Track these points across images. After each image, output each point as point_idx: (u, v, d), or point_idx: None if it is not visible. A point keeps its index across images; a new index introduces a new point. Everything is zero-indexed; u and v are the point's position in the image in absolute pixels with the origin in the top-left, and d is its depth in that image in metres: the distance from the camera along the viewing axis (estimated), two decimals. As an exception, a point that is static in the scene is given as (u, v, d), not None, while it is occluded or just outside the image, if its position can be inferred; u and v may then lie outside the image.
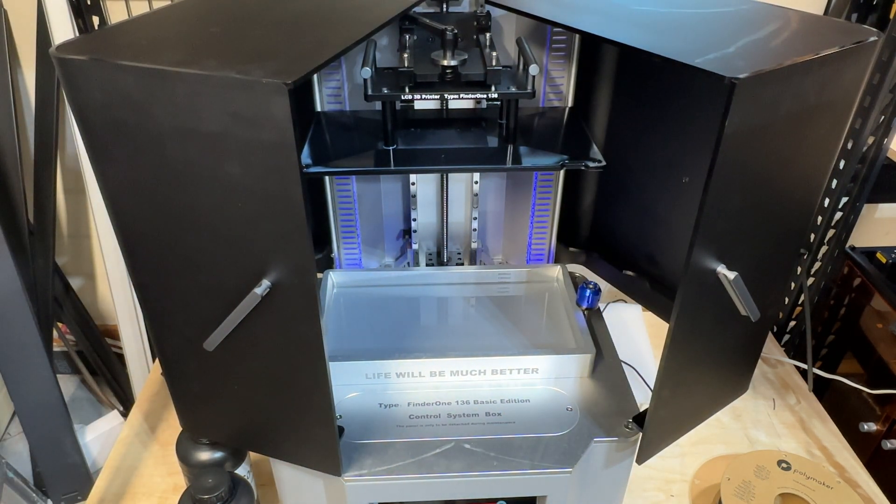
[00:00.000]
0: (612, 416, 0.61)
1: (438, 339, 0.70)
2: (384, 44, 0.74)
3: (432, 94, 0.65)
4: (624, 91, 0.75)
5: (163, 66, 0.39)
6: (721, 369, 0.63)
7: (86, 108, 0.43)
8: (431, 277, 0.79)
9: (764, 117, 0.43)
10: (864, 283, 1.12)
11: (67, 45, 0.42)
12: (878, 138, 0.98)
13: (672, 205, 0.73)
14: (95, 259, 1.46)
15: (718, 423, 0.89)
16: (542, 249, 0.89)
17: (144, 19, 0.51)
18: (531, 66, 0.64)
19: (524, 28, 0.74)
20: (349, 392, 0.63)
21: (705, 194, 0.44)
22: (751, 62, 0.41)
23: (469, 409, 0.62)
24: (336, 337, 0.70)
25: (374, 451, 0.57)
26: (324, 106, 0.78)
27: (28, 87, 1.23)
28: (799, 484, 0.74)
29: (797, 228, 0.58)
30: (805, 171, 0.52)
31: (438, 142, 0.72)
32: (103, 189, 0.47)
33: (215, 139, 0.40)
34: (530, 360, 0.64)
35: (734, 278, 0.49)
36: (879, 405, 1.06)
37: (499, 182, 0.85)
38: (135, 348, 1.33)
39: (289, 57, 0.42)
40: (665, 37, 0.50)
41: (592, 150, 0.71)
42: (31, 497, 1.10)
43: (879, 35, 0.49)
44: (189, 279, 0.50)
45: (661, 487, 0.80)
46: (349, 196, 0.83)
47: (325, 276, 0.77)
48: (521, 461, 0.56)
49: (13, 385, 1.01)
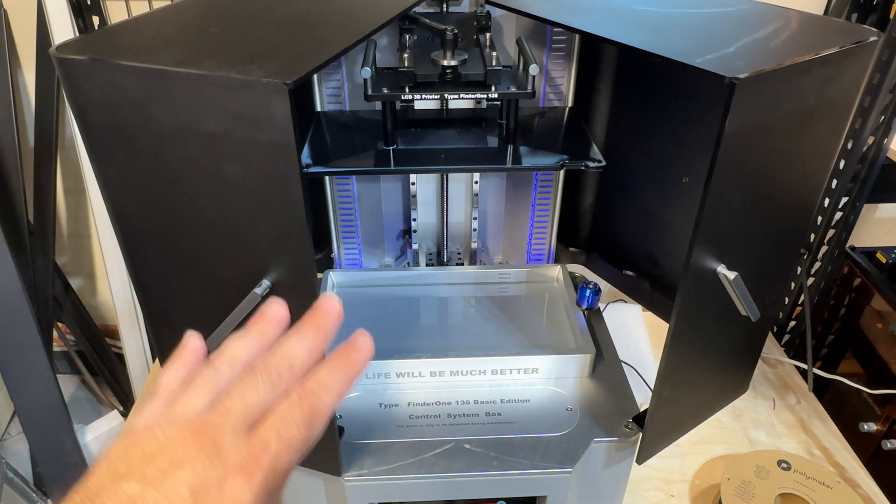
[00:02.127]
0: (612, 416, 0.61)
1: (438, 339, 0.70)
2: (384, 44, 0.74)
3: (432, 94, 0.65)
4: (624, 91, 0.75)
5: (163, 66, 0.39)
6: (721, 369, 0.63)
7: (86, 108, 0.43)
8: (431, 277, 0.79)
9: (764, 117, 0.43)
10: (864, 283, 1.12)
11: (67, 45, 0.42)
12: (878, 138, 0.98)
13: (672, 205, 0.73)
14: (95, 259, 1.46)
15: (718, 423, 0.89)
16: (542, 249, 0.89)
17: (144, 19, 0.51)
18: (531, 66, 0.64)
19: (524, 28, 0.74)
20: (349, 392, 0.63)
21: (705, 194, 0.44)
22: (751, 62, 0.41)
23: (469, 409, 0.62)
24: (336, 337, 0.70)
25: (374, 451, 0.57)
26: (324, 106, 0.78)
27: (28, 87, 1.23)
28: (799, 484, 0.74)
29: (797, 228, 0.58)
30: (805, 171, 0.52)
31: (438, 142, 0.72)
32: (103, 189, 0.47)
33: (215, 139, 0.40)
34: (530, 360, 0.64)
35: (734, 278, 0.49)
36: (879, 405, 1.06)
37: (499, 182, 0.85)
38: (135, 348, 1.33)
39: (289, 57, 0.42)
40: (665, 37, 0.50)
41: (592, 150, 0.71)
42: (31, 497, 1.10)
43: (879, 35, 0.49)
44: (189, 279, 0.50)
45: (661, 487, 0.80)
46: (349, 196, 0.83)
47: (325, 276, 0.77)
48: (521, 461, 0.56)
49: (13, 385, 1.01)
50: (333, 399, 0.31)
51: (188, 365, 0.34)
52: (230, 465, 0.27)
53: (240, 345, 0.33)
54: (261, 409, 0.30)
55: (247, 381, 0.30)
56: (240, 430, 0.29)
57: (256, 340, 0.33)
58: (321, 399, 0.30)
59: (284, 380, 0.31)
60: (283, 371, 0.31)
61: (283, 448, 0.29)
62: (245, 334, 0.34)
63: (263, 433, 0.29)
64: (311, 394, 0.30)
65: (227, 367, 0.32)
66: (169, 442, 0.28)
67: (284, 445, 0.29)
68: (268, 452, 0.28)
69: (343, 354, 0.33)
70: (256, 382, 0.30)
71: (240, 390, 0.30)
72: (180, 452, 0.27)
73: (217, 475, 0.27)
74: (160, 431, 0.28)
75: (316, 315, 0.34)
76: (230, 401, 0.30)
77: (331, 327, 0.34)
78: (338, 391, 0.31)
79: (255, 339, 0.33)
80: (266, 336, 0.34)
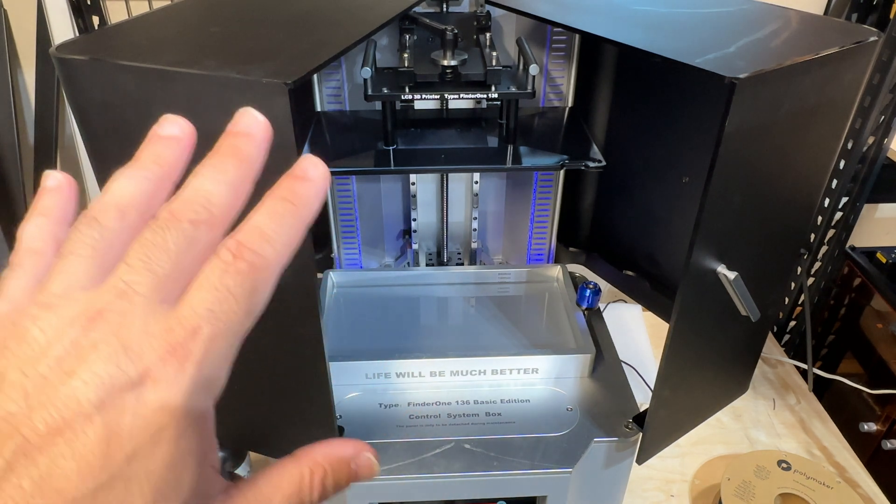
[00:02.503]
0: (612, 416, 0.61)
1: (438, 339, 0.70)
2: (384, 44, 0.74)
3: (432, 94, 0.65)
4: (624, 91, 0.75)
5: (163, 66, 0.39)
6: (721, 369, 0.63)
7: (86, 108, 0.43)
8: (431, 277, 0.79)
9: (764, 117, 0.43)
10: (864, 283, 1.12)
11: (67, 45, 0.42)
12: (878, 138, 0.98)
13: (672, 205, 0.73)
14: (95, 259, 1.46)
15: (718, 423, 0.89)
16: (542, 249, 0.89)
17: (144, 19, 0.51)
18: (531, 66, 0.64)
19: (524, 28, 0.74)
20: (349, 392, 0.63)
21: (705, 194, 0.44)
22: (751, 62, 0.41)
23: (469, 409, 0.62)
24: (336, 337, 0.70)
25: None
26: (324, 106, 0.78)
27: (28, 87, 1.23)
28: (799, 484, 0.74)
29: (797, 228, 0.58)
30: (805, 170, 0.52)
31: (438, 142, 0.72)
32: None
33: (215, 139, 0.40)
34: (530, 360, 0.64)
35: (734, 278, 0.49)
36: (879, 405, 1.06)
37: (499, 182, 0.85)
38: (135, 348, 1.33)
39: (289, 57, 0.42)
40: (665, 37, 0.50)
41: (592, 150, 0.71)
42: (31, 497, 1.10)
43: (879, 35, 0.49)
44: (189, 279, 0.50)
45: (661, 487, 0.80)
46: (349, 196, 0.83)
47: (325, 276, 0.77)
48: (521, 461, 0.56)
49: (13, 385, 1.01)
50: (279, 252, 0.22)
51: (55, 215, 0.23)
52: (147, 361, 0.19)
53: (128, 184, 0.23)
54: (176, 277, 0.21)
55: (149, 239, 0.21)
56: (153, 311, 0.20)
57: (152, 174, 0.23)
58: (262, 254, 0.21)
59: (202, 231, 0.21)
60: (198, 219, 0.21)
61: (219, 328, 0.20)
62: (133, 166, 0.23)
63: (187, 311, 0.20)
64: (246, 248, 0.21)
65: (115, 218, 0.22)
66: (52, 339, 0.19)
67: (220, 324, 0.20)
68: (198, 336, 0.20)
69: (286, 189, 0.23)
70: (165, 239, 0.21)
71: (142, 253, 0.21)
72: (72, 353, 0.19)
73: (129, 378, 0.19)
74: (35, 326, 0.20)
75: (232, 139, 0.24)
76: (131, 270, 0.20)
77: (254, 152, 0.24)
78: (284, 241, 0.22)
79: (149, 173, 0.23)
80: (163, 166, 0.23)
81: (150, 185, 0.23)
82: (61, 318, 0.20)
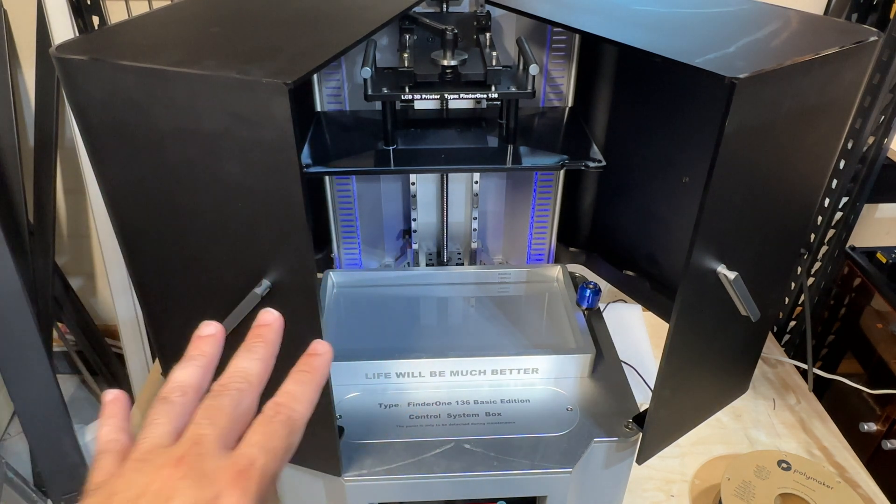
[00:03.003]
0: (612, 416, 0.61)
1: (438, 339, 0.70)
2: (384, 44, 0.74)
3: (432, 93, 0.65)
4: (624, 91, 0.75)
5: (163, 66, 0.39)
6: (721, 369, 0.63)
7: (86, 108, 0.43)
8: (431, 277, 0.79)
9: (764, 117, 0.43)
10: (864, 283, 1.12)
11: (67, 45, 0.42)
12: (878, 138, 0.98)
13: (672, 205, 0.73)
14: (95, 259, 1.46)
15: (718, 423, 0.89)
16: (542, 249, 0.89)
17: (144, 19, 0.51)
18: (531, 66, 0.64)
19: (524, 28, 0.74)
20: (349, 392, 0.63)
21: (705, 194, 0.44)
22: (751, 62, 0.41)
23: (469, 409, 0.62)
24: (336, 337, 0.70)
25: (374, 451, 0.57)
26: (324, 106, 0.78)
27: (28, 87, 1.23)
28: (799, 484, 0.74)
29: (797, 228, 0.58)
30: (805, 170, 0.52)
31: (438, 142, 0.72)
32: (103, 189, 0.47)
33: (215, 139, 0.40)
34: (530, 360, 0.64)
35: (734, 278, 0.49)
36: (879, 405, 1.06)
37: (499, 182, 0.85)
38: (135, 348, 1.33)
39: (289, 57, 0.42)
40: (665, 37, 0.50)
41: (592, 150, 0.71)
42: (31, 497, 1.10)
43: (879, 35, 0.49)
44: (189, 279, 0.50)
45: (661, 487, 0.80)
46: (349, 196, 0.83)
47: (325, 276, 0.77)
48: (521, 461, 0.56)
49: (13, 385, 1.01)
50: (306, 407, 0.32)
51: (117, 415, 0.32)
52: (220, 485, 0.27)
53: (184, 372, 0.32)
54: (231, 428, 0.30)
55: (209, 404, 0.30)
56: (220, 452, 0.28)
57: (198, 362, 0.33)
58: (295, 410, 0.31)
59: (245, 395, 0.31)
60: (241, 387, 0.31)
61: (270, 458, 0.29)
62: (186, 359, 0.33)
63: (247, 448, 0.29)
64: (283, 406, 0.31)
65: (179, 394, 0.31)
66: (151, 480, 0.27)
67: (271, 455, 0.29)
68: (256, 464, 0.28)
69: (305, 364, 0.34)
70: (220, 403, 0.30)
71: (205, 414, 0.30)
72: (167, 486, 0.26)
73: (211, 495, 0.26)
74: (136, 474, 0.27)
75: (258, 329, 0.35)
76: (199, 428, 0.29)
77: (274, 337, 0.35)
78: (308, 399, 0.32)
79: (196, 361, 0.33)
80: (206, 356, 0.33)
81: (200, 371, 0.33)
82: (157, 464, 0.27)
